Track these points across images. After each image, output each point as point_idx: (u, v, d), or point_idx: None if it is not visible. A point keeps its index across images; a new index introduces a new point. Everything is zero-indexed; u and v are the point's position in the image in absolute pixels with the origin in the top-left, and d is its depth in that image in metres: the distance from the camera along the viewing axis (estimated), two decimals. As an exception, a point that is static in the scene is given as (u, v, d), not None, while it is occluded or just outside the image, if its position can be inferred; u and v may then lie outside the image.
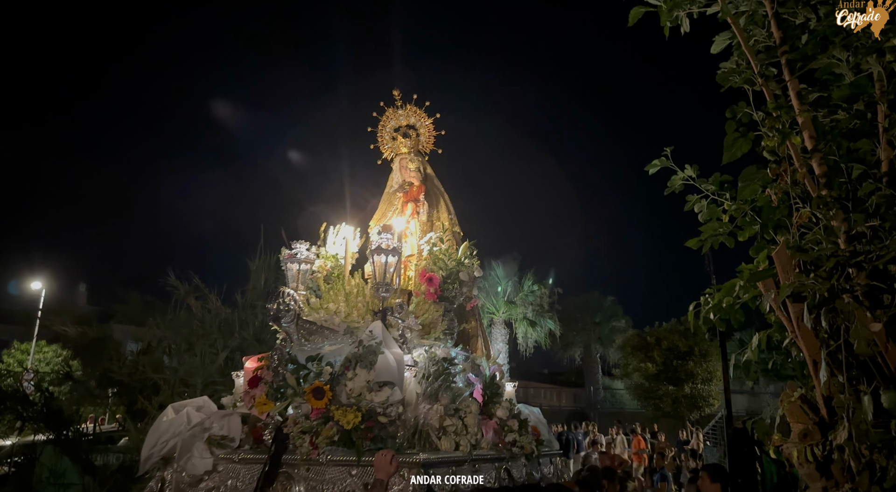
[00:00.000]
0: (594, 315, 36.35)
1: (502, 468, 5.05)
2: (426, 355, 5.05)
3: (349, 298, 5.64)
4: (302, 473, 4.32)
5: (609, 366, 37.30)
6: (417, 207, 6.66)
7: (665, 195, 3.63)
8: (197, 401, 5.16)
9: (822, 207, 2.68)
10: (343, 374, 4.72)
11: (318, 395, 4.58)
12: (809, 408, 2.63)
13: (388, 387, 4.58)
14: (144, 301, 13.31)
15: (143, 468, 4.91)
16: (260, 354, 5.66)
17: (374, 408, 4.48)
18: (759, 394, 28.70)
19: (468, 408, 4.87)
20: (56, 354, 22.47)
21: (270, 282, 12.17)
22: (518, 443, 5.23)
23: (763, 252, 3.17)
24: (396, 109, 6.92)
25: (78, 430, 10.19)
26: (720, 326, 3.27)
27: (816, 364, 2.53)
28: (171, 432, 4.79)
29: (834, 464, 2.47)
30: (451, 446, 4.61)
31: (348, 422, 4.33)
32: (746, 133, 3.17)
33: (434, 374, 4.93)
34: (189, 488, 4.65)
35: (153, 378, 9.94)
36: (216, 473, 4.62)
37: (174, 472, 4.72)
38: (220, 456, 4.65)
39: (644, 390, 28.35)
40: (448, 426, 4.65)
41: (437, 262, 5.96)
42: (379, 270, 5.24)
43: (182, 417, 4.86)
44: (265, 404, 4.74)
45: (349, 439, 4.31)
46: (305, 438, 4.39)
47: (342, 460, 4.29)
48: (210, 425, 4.76)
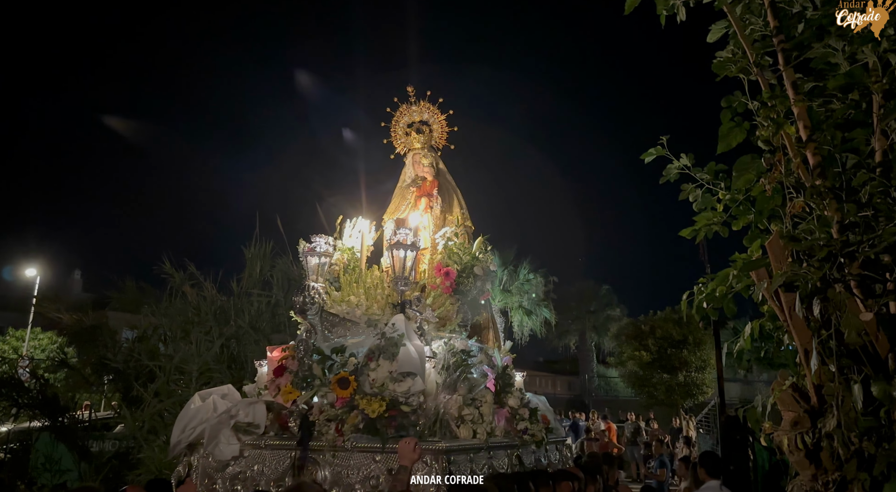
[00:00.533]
0: (589, 304, 36.49)
1: (514, 455, 5.23)
2: (445, 347, 5.27)
3: (369, 292, 5.83)
4: (328, 458, 4.51)
5: (604, 354, 37.50)
6: (431, 201, 6.75)
7: (661, 185, 3.64)
8: (222, 389, 5.33)
9: (815, 197, 2.69)
10: (366, 364, 4.91)
11: (344, 384, 4.77)
12: (800, 396, 2.65)
13: (410, 377, 4.76)
14: (140, 289, 13.30)
15: (171, 454, 5.09)
16: (282, 344, 5.69)
17: (396, 397, 4.67)
18: (752, 382, 28.91)
19: (484, 398, 5.05)
20: (51, 341, 22.46)
21: (266, 270, 12.17)
22: (529, 430, 5.43)
23: (756, 242, 3.18)
24: (410, 105, 7.01)
25: (73, 417, 10.22)
26: (713, 315, 3.29)
27: (808, 353, 2.55)
28: (199, 418, 4.97)
29: (823, 451, 2.49)
30: (470, 434, 4.81)
31: (373, 410, 4.51)
32: (742, 123, 3.17)
33: (453, 365, 5.15)
34: (216, 472, 4.84)
35: (148, 365, 9.95)
36: (242, 458, 4.81)
37: (201, 457, 4.92)
38: (246, 442, 4.83)
39: (638, 378, 28.50)
40: (466, 415, 4.85)
41: (452, 256, 6.11)
42: (398, 265, 5.38)
43: (209, 404, 5.06)
44: (290, 393, 4.89)
45: (373, 426, 4.50)
46: (331, 425, 4.57)
47: (367, 446, 4.46)
48: (236, 412, 4.94)
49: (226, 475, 4.81)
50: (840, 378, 2.37)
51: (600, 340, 36.50)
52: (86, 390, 11.18)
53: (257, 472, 4.73)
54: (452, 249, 6.14)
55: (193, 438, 4.99)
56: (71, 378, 11.84)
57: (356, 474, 4.43)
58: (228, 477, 4.80)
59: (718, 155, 3.34)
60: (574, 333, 37.11)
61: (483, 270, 6.14)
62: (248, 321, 11.05)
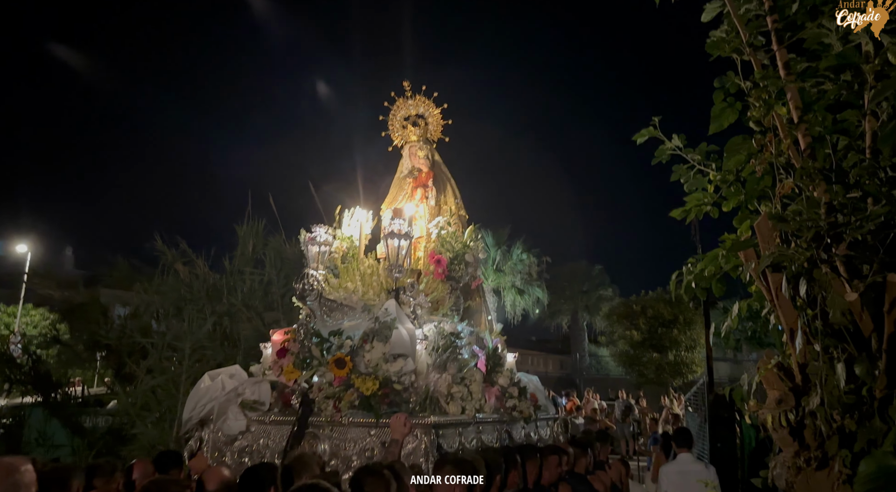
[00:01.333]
0: (582, 284, 36.65)
1: (503, 430, 5.63)
2: (435, 330, 5.61)
3: (365, 278, 6.17)
4: (327, 433, 4.93)
5: (595, 333, 37.78)
6: (426, 192, 7.03)
7: (653, 166, 3.64)
8: (230, 369, 5.63)
9: (805, 179, 2.70)
10: (362, 346, 5.28)
11: (340, 365, 5.14)
12: (785, 375, 2.69)
13: (402, 358, 5.16)
14: (131, 266, 13.28)
15: (183, 429, 5.55)
16: (274, 322, 6.06)
17: (389, 377, 5.06)
18: (741, 362, 29.19)
19: (473, 377, 5.41)
20: (43, 317, 22.41)
21: (258, 248, 12.15)
22: (517, 408, 5.82)
23: (746, 222, 3.20)
24: (406, 100, 7.30)
25: (66, 393, 10.25)
26: (701, 295, 3.32)
27: (793, 333, 2.58)
28: (208, 397, 5.31)
29: (806, 429, 2.54)
30: (458, 410, 5.18)
31: (367, 389, 4.90)
32: (734, 103, 3.17)
33: (443, 347, 5.51)
34: (225, 446, 5.26)
35: (141, 342, 9.97)
36: (249, 433, 5.23)
37: (211, 432, 5.33)
38: (253, 418, 5.24)
39: (629, 358, 28.77)
40: (455, 393, 5.23)
41: (444, 244, 6.44)
42: (392, 253, 5.74)
43: (217, 383, 5.40)
44: (292, 373, 5.31)
45: (368, 403, 4.88)
46: (329, 402, 4.96)
47: (362, 421, 4.86)
48: (242, 390, 5.32)
49: (234, 448, 5.22)
50: (824, 357, 2.40)
51: (592, 319, 36.74)
52: (78, 367, 11.20)
53: (263, 445, 5.14)
54: (445, 238, 6.45)
55: (204, 414, 5.34)
56: (63, 354, 11.86)
57: (353, 447, 4.81)
58: (237, 450, 5.21)
59: (710, 136, 3.35)
60: (566, 312, 37.31)
61: (473, 257, 6.50)
62: (240, 299, 11.05)
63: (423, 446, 4.60)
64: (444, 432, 4.87)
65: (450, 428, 4.98)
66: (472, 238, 6.59)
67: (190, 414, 5.39)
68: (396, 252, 5.71)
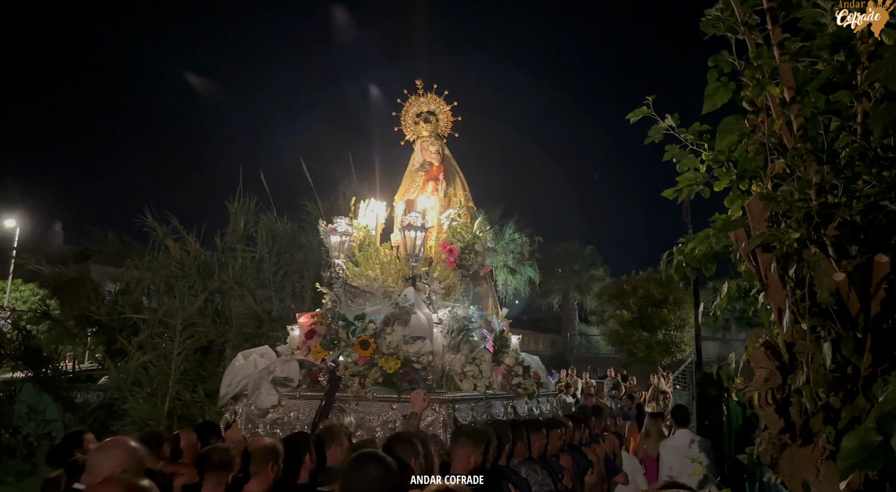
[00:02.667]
0: (573, 264, 36.83)
1: (509, 405, 6.19)
2: (449, 315, 6.22)
3: (383, 267, 6.75)
4: (352, 406, 5.50)
5: (586, 313, 38.06)
6: (437, 184, 7.53)
7: (646, 148, 3.64)
8: (260, 349, 6.16)
9: (796, 159, 2.71)
10: (383, 329, 5.83)
11: (365, 346, 5.71)
12: (772, 354, 2.72)
13: (420, 340, 5.69)
14: (122, 242, 13.20)
15: (220, 404, 6.05)
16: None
17: (409, 357, 5.59)
18: (729, 341, 29.53)
19: (483, 357, 5.96)
20: (33, 292, 22.33)
21: (250, 225, 12.10)
22: (522, 385, 6.43)
23: (737, 203, 3.21)
24: (418, 97, 7.70)
25: (57, 368, 10.25)
26: (691, 275, 3.33)
27: (781, 312, 2.60)
28: (242, 374, 5.81)
29: (792, 406, 2.57)
30: (471, 387, 5.74)
31: (390, 367, 5.45)
32: (728, 83, 3.15)
33: (456, 330, 6.10)
34: (258, 418, 5.77)
35: (132, 318, 9.96)
36: (280, 406, 5.73)
37: (244, 406, 5.82)
38: (283, 393, 5.73)
39: (619, 337, 29.01)
40: (468, 371, 5.77)
41: (455, 234, 6.91)
42: (409, 244, 6.23)
43: (250, 362, 5.89)
44: (319, 352, 5.88)
45: (390, 380, 5.44)
46: (355, 379, 5.54)
47: (385, 396, 5.43)
48: (273, 368, 5.81)
49: (266, 421, 5.73)
50: (811, 336, 2.42)
51: (583, 299, 36.99)
52: (69, 342, 11.18)
53: (293, 417, 5.66)
54: (456, 229, 6.94)
55: (238, 390, 5.85)
56: (54, 330, 11.82)
57: (377, 420, 5.39)
58: (269, 422, 5.73)
59: (703, 115, 3.34)
60: (557, 292, 37.52)
61: (483, 246, 7.00)
62: (232, 276, 11.04)
63: (442, 418, 5.19)
64: (458, 406, 5.42)
65: (463, 403, 5.53)
66: (482, 228, 7.11)
67: (226, 390, 5.88)
68: (413, 242, 6.21)
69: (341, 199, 12.15)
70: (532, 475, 4.55)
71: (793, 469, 2.64)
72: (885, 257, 2.31)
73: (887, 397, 1.47)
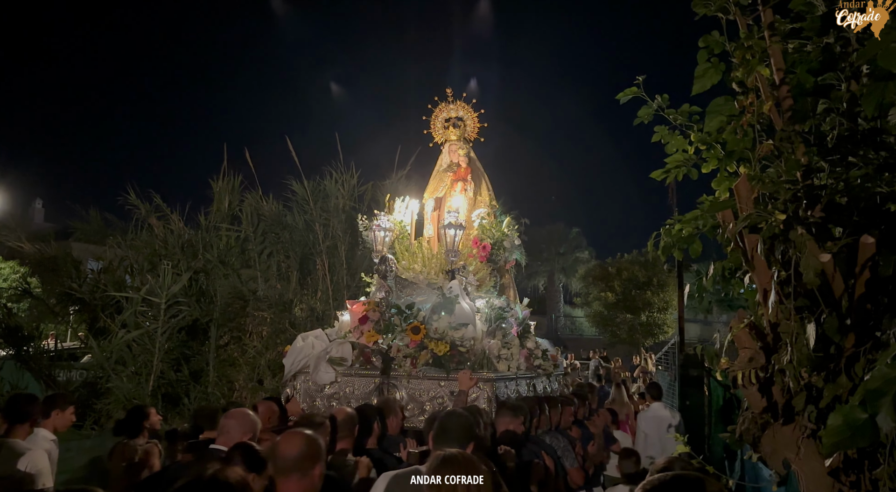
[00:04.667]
0: (559, 246, 36.96)
1: (531, 383, 6.96)
2: (487, 304, 6.95)
3: (426, 261, 7.52)
4: (404, 383, 6.21)
5: (571, 295, 38.27)
6: (465, 185, 8.17)
7: (635, 132, 3.63)
8: (315, 332, 6.88)
9: (784, 141, 2.71)
10: (431, 317, 6.57)
11: (416, 331, 6.39)
12: (757, 334, 2.74)
13: (463, 326, 6.47)
14: (104, 219, 13.03)
15: (285, 379, 6.70)
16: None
17: (454, 341, 6.33)
18: (711, 323, 29.87)
19: (513, 341, 6.68)
20: (13, 270, 22.05)
21: (235, 204, 11.99)
22: (542, 366, 7.17)
23: (724, 184, 3.22)
24: (448, 104, 8.38)
25: (39, 346, 10.16)
26: (678, 256, 3.35)
27: (767, 293, 2.62)
28: (303, 354, 6.54)
29: (775, 386, 2.61)
30: (506, 368, 6.41)
31: (440, 350, 6.17)
32: (718, 64, 3.14)
33: (493, 318, 6.81)
34: (316, 393, 6.49)
35: (115, 297, 9.87)
36: (336, 383, 6.44)
37: (303, 382, 6.56)
38: (339, 371, 6.42)
39: (603, 318, 29.25)
40: (502, 354, 6.47)
41: (485, 232, 7.64)
42: (449, 241, 7.02)
43: (309, 343, 6.64)
44: (372, 336, 6.58)
45: (440, 362, 6.15)
46: (407, 360, 6.24)
47: (434, 375, 6.16)
48: (329, 349, 6.54)
49: (323, 395, 6.47)
50: (796, 317, 2.45)
51: (568, 281, 37.18)
52: (51, 321, 11.07)
53: (349, 393, 6.38)
54: (485, 227, 7.67)
55: (300, 367, 6.53)
56: (35, 308, 11.70)
57: (426, 395, 6.14)
58: (326, 396, 6.46)
59: (693, 97, 3.33)
60: (543, 274, 37.69)
61: (511, 243, 7.79)
62: (216, 256, 10.95)
63: (486, 395, 5.95)
64: (496, 384, 6.10)
65: (500, 382, 6.21)
66: (510, 226, 7.86)
67: (290, 368, 6.57)
68: (452, 240, 7.00)
69: (327, 178, 12.07)
70: (556, 443, 5.37)
71: (774, 447, 2.68)
72: (871, 238, 2.33)
73: (873, 375, 1.49)
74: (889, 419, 1.42)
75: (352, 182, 12.29)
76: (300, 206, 12.06)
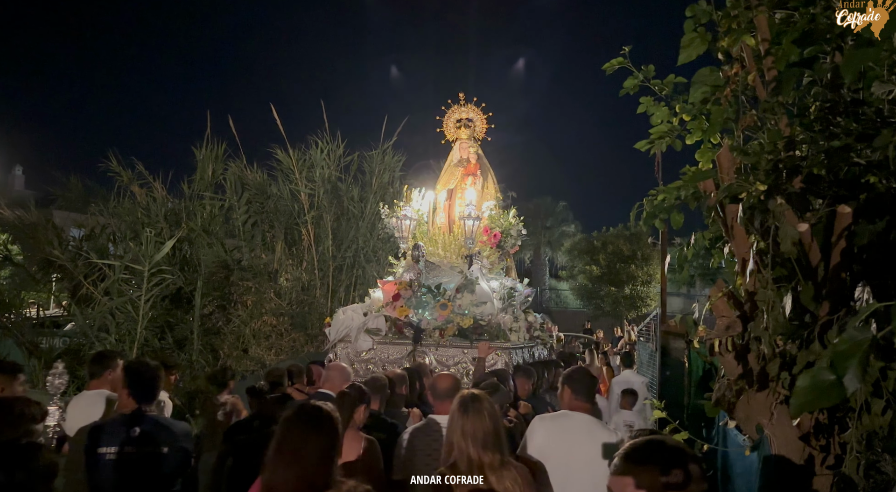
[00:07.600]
0: (545, 220, 37.00)
1: (531, 351, 8.06)
2: (500, 285, 8.20)
3: (448, 248, 8.82)
4: (433, 351, 7.34)
5: (556, 268, 38.47)
6: (475, 179, 9.17)
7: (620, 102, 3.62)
8: (352, 307, 8.14)
9: (767, 112, 2.72)
10: (455, 295, 7.80)
11: (444, 307, 7.63)
12: (734, 303, 2.79)
13: (483, 304, 7.70)
14: (85, 187, 12.85)
15: (328, 346, 7.82)
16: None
17: (476, 316, 7.56)
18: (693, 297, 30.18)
19: (520, 316, 7.94)
20: (-6, 238, 21.75)
21: (218, 173, 11.86)
22: (540, 337, 8.52)
23: (707, 155, 3.23)
24: (460, 106, 9.33)
25: (21, 314, 10.08)
26: (660, 226, 3.38)
27: (745, 262, 2.65)
28: (345, 325, 7.65)
29: (750, 353, 2.66)
30: (517, 339, 7.61)
31: (466, 324, 7.43)
32: (704, 33, 3.13)
33: (506, 296, 8.02)
34: (355, 358, 7.48)
35: (98, 264, 9.80)
36: (373, 349, 7.53)
37: (344, 348, 7.64)
38: (376, 340, 7.52)
39: (588, 291, 29.50)
40: (514, 327, 7.65)
41: (494, 222, 8.76)
42: (468, 230, 8.23)
43: (349, 314, 7.78)
44: (404, 310, 7.68)
45: (464, 333, 7.39)
46: (435, 332, 7.44)
47: (459, 344, 7.35)
48: (366, 320, 7.66)
49: (361, 360, 7.50)
50: (773, 285, 2.48)
51: (554, 254, 37.31)
52: (32, 288, 10.97)
53: (384, 358, 7.45)
54: (494, 218, 8.79)
55: (342, 336, 7.61)
56: (16, 276, 11.58)
57: (451, 361, 7.28)
58: (363, 361, 7.50)
59: (678, 67, 3.32)
60: (529, 247, 37.73)
61: (517, 232, 8.93)
62: (200, 225, 10.87)
63: (504, 360, 7.11)
64: (510, 352, 7.27)
65: (513, 350, 7.37)
66: (515, 217, 8.95)
67: (334, 336, 7.65)
68: (470, 229, 8.20)
69: (313, 148, 11.96)
70: (553, 400, 5.94)
71: (748, 413, 2.75)
72: (848, 208, 2.36)
73: (842, 338, 1.52)
74: (856, 380, 1.46)
75: (338, 152, 12.19)
76: (285, 175, 11.95)
